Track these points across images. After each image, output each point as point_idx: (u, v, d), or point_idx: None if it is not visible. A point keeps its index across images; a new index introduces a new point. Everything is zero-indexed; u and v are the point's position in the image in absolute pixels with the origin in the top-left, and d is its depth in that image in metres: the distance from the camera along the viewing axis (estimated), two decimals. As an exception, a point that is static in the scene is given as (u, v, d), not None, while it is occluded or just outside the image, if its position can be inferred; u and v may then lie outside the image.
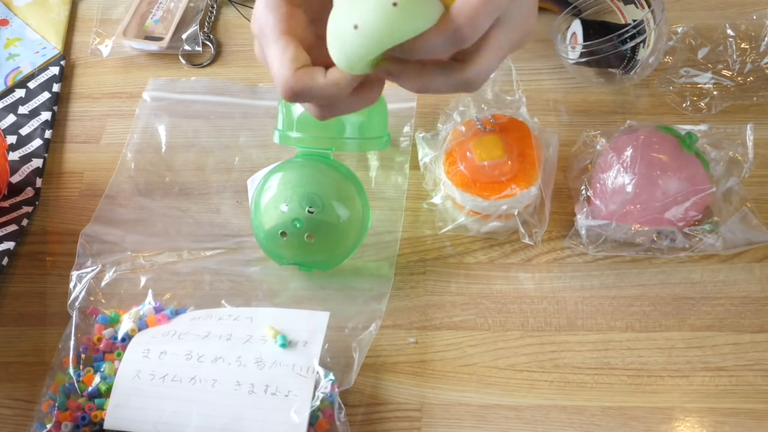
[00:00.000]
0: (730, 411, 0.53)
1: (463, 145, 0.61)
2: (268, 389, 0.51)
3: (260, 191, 0.59)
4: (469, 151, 0.60)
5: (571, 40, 0.68)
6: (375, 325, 0.56)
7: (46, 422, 0.52)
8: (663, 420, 0.53)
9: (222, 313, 0.57)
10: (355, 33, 0.40)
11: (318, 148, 0.60)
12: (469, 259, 0.61)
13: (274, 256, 0.60)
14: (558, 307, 0.59)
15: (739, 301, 0.58)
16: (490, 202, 0.59)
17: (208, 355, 0.53)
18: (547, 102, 0.70)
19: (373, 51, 0.40)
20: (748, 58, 0.70)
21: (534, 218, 0.61)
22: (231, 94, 0.73)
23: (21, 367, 0.58)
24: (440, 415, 0.54)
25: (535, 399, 0.55)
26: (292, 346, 0.53)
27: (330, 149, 0.60)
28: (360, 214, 0.59)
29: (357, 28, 0.39)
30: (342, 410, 0.52)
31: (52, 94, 0.74)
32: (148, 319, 0.57)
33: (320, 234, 0.57)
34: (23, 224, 0.64)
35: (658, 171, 0.58)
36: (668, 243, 0.59)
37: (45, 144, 0.70)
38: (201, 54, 0.77)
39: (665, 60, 0.70)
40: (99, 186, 0.68)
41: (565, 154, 0.65)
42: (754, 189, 0.62)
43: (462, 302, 0.59)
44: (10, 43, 0.78)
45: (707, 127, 0.62)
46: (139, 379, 0.52)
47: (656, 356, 0.56)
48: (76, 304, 0.59)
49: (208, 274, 0.61)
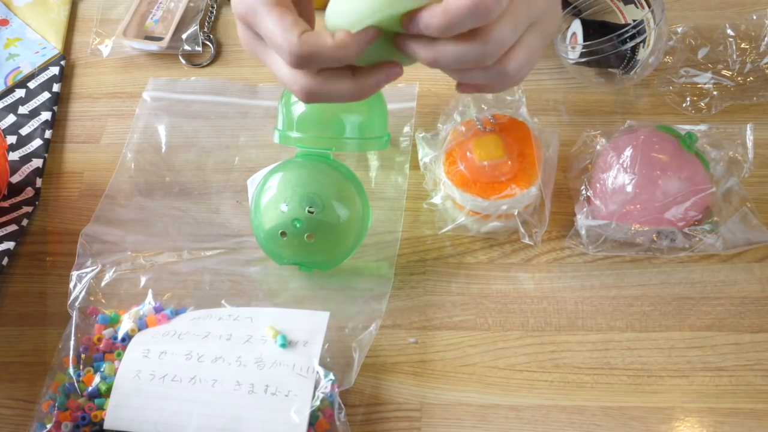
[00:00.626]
0: (730, 411, 0.53)
1: (463, 145, 0.61)
2: (268, 389, 0.51)
3: (260, 191, 0.59)
4: (469, 151, 0.60)
5: (571, 40, 0.68)
6: (375, 325, 0.56)
7: (46, 422, 0.52)
8: (663, 420, 0.53)
9: (222, 313, 0.57)
10: (351, 4, 0.41)
11: (318, 148, 0.60)
12: (469, 259, 0.61)
13: (274, 256, 0.60)
14: (558, 307, 0.59)
15: (739, 301, 0.58)
16: (490, 202, 0.59)
17: (208, 355, 0.53)
18: (547, 102, 0.70)
19: (367, 18, 0.41)
20: (748, 58, 0.70)
21: (534, 218, 0.61)
22: (231, 94, 0.73)
23: (21, 367, 0.58)
24: (440, 415, 0.54)
25: (535, 399, 0.55)
26: (292, 346, 0.53)
27: (330, 149, 0.60)
28: (360, 214, 0.59)
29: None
30: (342, 410, 0.52)
31: (52, 94, 0.74)
32: (148, 319, 0.57)
33: (320, 234, 0.57)
34: (23, 224, 0.64)
35: (658, 171, 0.58)
36: (668, 243, 0.59)
37: (45, 144, 0.70)
38: (201, 54, 0.77)
39: (665, 60, 0.70)
40: (99, 186, 0.68)
41: (565, 154, 0.65)
42: (754, 189, 0.62)
43: (462, 302, 0.59)
44: (10, 43, 0.78)
45: (707, 127, 0.62)
46: (139, 379, 0.52)
47: (656, 356, 0.56)
48: (76, 304, 0.59)
49: (208, 274, 0.61)
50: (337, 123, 0.60)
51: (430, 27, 0.41)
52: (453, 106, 0.65)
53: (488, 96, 0.65)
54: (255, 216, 0.59)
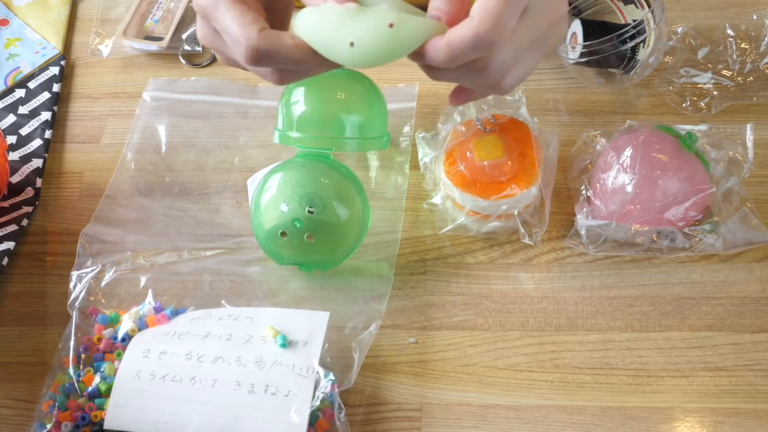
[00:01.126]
0: (730, 411, 0.53)
1: (463, 145, 0.61)
2: (268, 389, 0.51)
3: (260, 191, 0.59)
4: (469, 151, 0.60)
5: (571, 40, 0.68)
6: (375, 325, 0.56)
7: (46, 422, 0.52)
8: (663, 420, 0.53)
9: (222, 313, 0.57)
10: (351, 49, 0.41)
11: (318, 148, 0.60)
12: (469, 259, 0.61)
13: (274, 256, 0.60)
14: (558, 307, 0.59)
15: (739, 301, 0.58)
16: (490, 202, 0.59)
17: (208, 355, 0.53)
18: (547, 102, 0.70)
19: (369, 65, 0.42)
20: (748, 58, 0.70)
21: (534, 218, 0.61)
22: (231, 94, 0.73)
23: (21, 367, 0.58)
24: (440, 415, 0.54)
25: (535, 399, 0.55)
26: (292, 346, 0.53)
27: (330, 149, 0.60)
28: (360, 213, 0.59)
29: (353, 45, 0.41)
30: (342, 410, 0.52)
31: (52, 94, 0.74)
32: (148, 319, 0.57)
33: (320, 234, 0.57)
34: (23, 224, 0.64)
35: (658, 171, 0.58)
36: (668, 243, 0.59)
37: (45, 144, 0.70)
38: (201, 54, 0.77)
39: (665, 60, 0.70)
40: (99, 186, 0.68)
41: (565, 154, 0.65)
42: (754, 189, 0.62)
43: (462, 302, 0.59)
44: (10, 43, 0.78)
45: (707, 127, 0.62)
46: (139, 379, 0.52)
47: (656, 356, 0.56)
48: (76, 304, 0.59)
49: (208, 274, 0.61)
50: (337, 123, 0.60)
51: (435, 61, 0.42)
52: (453, 106, 0.65)
53: (489, 96, 0.65)
54: (255, 216, 0.59)
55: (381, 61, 0.42)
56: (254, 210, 0.60)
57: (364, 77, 0.62)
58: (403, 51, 0.42)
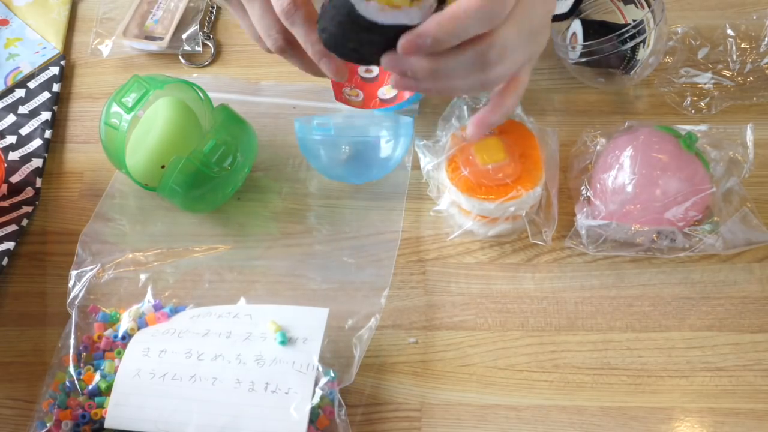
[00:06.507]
0: (730, 411, 0.53)
1: (464, 150, 0.61)
2: (268, 386, 0.51)
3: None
4: (471, 155, 0.60)
5: (571, 40, 0.68)
6: (375, 320, 0.56)
7: (46, 421, 0.52)
8: (663, 420, 0.53)
9: (221, 310, 0.57)
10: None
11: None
12: (469, 259, 0.61)
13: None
14: (558, 307, 0.59)
15: (739, 301, 0.58)
16: (497, 204, 0.59)
17: (208, 352, 0.53)
18: (547, 102, 0.70)
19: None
20: (748, 58, 0.70)
21: (540, 217, 0.61)
22: (231, 93, 0.73)
23: (21, 367, 0.58)
24: (440, 415, 0.54)
25: (535, 399, 0.55)
26: (291, 343, 0.53)
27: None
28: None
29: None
30: (342, 407, 0.52)
31: (52, 94, 0.74)
32: (148, 317, 0.57)
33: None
34: (23, 224, 0.64)
35: (658, 171, 0.58)
36: (668, 243, 0.59)
37: (45, 144, 0.70)
38: (201, 54, 0.77)
39: (665, 60, 0.70)
40: (99, 186, 0.67)
41: (565, 154, 0.65)
42: (754, 189, 0.62)
43: (462, 302, 0.59)
44: (10, 43, 0.78)
45: (707, 127, 0.62)
46: (139, 377, 0.52)
47: (656, 356, 0.56)
48: (75, 302, 0.59)
49: (208, 272, 0.61)
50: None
51: (439, 34, 0.43)
52: (449, 111, 0.65)
53: (484, 98, 0.65)
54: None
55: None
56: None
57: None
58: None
